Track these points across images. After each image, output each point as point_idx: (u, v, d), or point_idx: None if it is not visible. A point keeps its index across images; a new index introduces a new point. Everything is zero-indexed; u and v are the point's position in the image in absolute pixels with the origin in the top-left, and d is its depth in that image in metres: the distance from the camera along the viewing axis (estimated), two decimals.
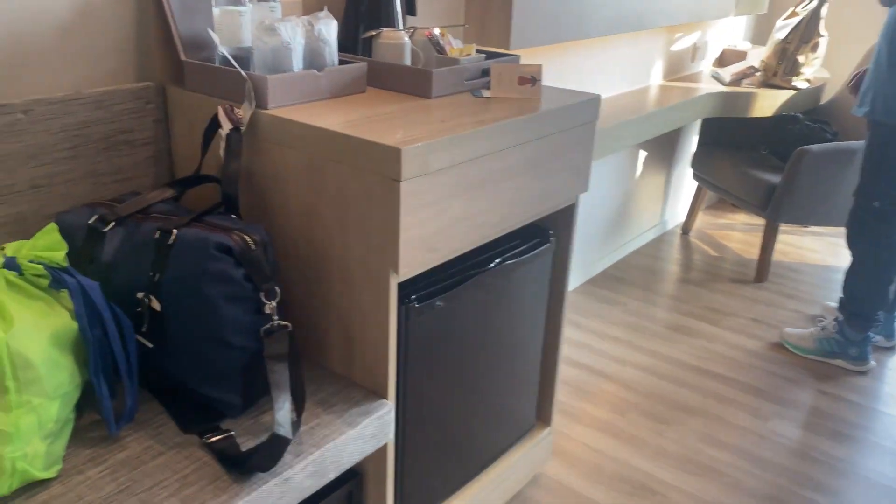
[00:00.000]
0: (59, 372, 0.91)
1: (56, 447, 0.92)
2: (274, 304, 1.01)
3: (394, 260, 1.02)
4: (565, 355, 2.19)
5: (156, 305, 1.01)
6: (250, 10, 1.18)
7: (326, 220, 1.08)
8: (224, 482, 0.93)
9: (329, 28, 1.20)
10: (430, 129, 1.06)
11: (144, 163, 1.24)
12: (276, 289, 1.01)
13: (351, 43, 1.42)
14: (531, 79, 1.29)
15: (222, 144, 1.09)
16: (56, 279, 0.94)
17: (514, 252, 1.34)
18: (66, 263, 0.95)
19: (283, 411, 0.95)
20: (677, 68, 2.83)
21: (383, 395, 1.12)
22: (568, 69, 2.21)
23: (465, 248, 1.16)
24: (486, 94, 1.30)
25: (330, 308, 1.14)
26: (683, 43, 2.80)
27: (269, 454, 0.93)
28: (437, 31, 1.35)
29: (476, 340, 1.31)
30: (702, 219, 3.33)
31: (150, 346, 1.03)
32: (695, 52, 2.89)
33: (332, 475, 1.03)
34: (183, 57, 1.19)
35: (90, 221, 1.06)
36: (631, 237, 2.94)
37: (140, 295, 1.02)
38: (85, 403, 1.02)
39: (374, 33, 1.34)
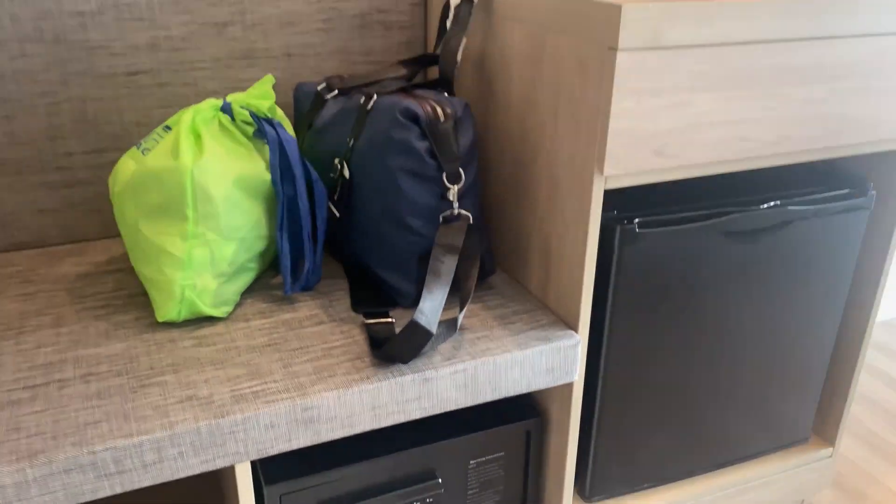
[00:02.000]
0: (239, 215, 0.91)
1: (227, 289, 0.93)
2: (456, 188, 0.89)
3: (600, 154, 0.82)
4: None
5: (346, 173, 0.96)
6: None
7: (541, 107, 0.92)
8: (363, 363, 0.85)
9: None
10: None
11: (397, 47, 1.21)
12: (461, 171, 0.89)
13: None
14: None
15: (451, 16, 1.00)
16: (259, 128, 0.95)
17: (802, 198, 1.01)
18: (269, 114, 0.95)
19: (431, 301, 0.83)
20: None
21: (573, 327, 0.93)
22: None
23: (716, 165, 0.90)
24: None
25: (534, 215, 0.98)
26: None
27: (406, 343, 0.82)
28: None
29: (724, 299, 1.02)
30: None
31: (338, 215, 0.99)
32: None
33: (487, 396, 0.88)
34: None
35: (318, 88, 1.06)
36: None
37: (336, 161, 0.98)
38: None
39: None
